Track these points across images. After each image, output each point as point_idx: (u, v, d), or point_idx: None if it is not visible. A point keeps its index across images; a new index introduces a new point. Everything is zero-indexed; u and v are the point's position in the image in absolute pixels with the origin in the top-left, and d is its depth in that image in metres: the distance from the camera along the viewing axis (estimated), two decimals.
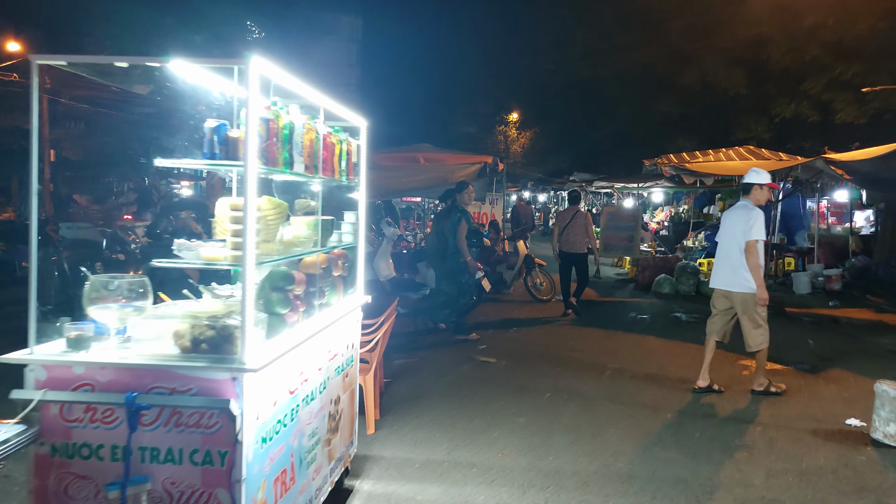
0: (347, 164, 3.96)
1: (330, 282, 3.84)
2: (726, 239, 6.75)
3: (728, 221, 6.82)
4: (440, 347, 8.72)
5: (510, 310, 11.77)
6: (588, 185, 24.29)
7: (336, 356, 3.88)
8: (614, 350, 8.85)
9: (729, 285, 6.74)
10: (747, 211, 6.61)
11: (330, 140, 3.60)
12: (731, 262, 6.66)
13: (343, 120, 4.15)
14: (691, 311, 12.21)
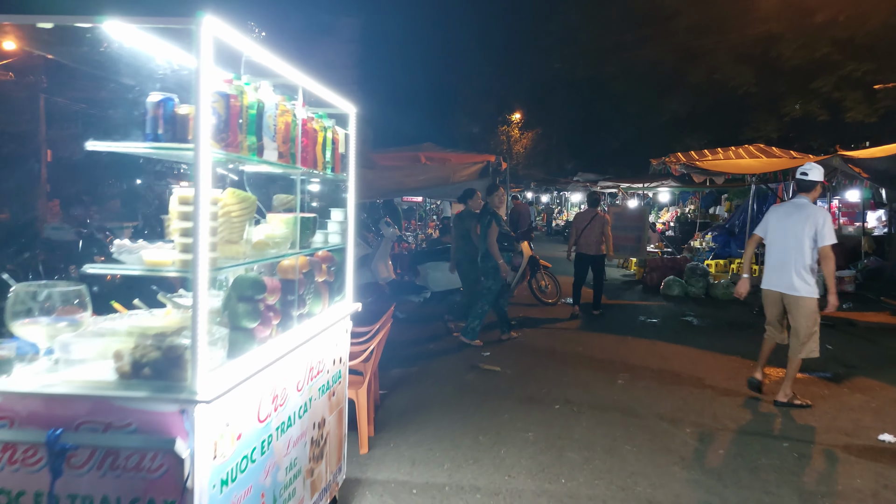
0: (333, 154, 3.50)
1: (312, 288, 3.38)
2: (786, 239, 6.30)
3: (787, 221, 6.35)
4: (441, 355, 8.25)
5: (514, 313, 11.28)
6: (593, 185, 23.84)
7: (320, 373, 3.42)
8: (625, 357, 8.38)
9: (789, 289, 6.32)
10: (814, 211, 6.22)
11: (311, 126, 3.14)
12: (793, 264, 6.24)
13: (329, 105, 3.69)
14: (702, 314, 11.74)
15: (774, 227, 6.45)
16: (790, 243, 6.25)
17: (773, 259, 6.47)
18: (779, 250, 6.38)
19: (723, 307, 12.91)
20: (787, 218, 6.35)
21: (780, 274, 6.36)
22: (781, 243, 6.35)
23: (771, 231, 6.49)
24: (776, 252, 6.42)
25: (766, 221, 6.57)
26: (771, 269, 6.49)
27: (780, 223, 6.41)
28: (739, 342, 9.43)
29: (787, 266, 6.29)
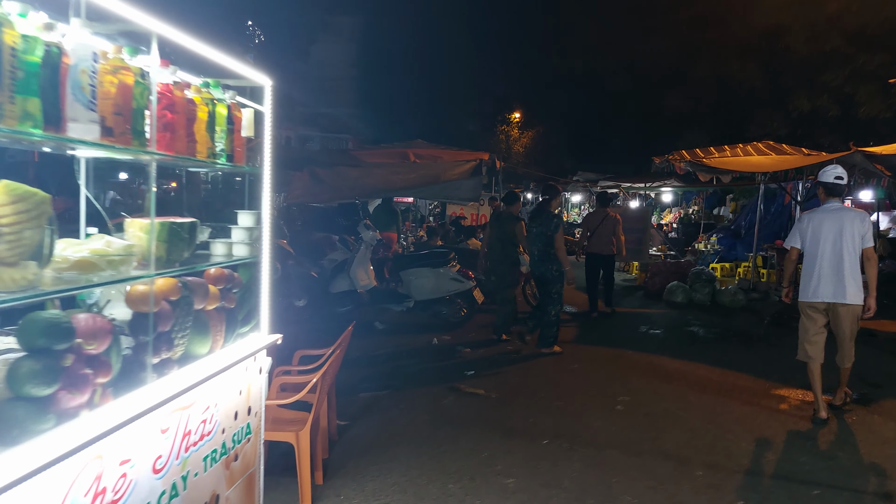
0: (229, 138, 2.63)
1: (191, 322, 2.50)
2: (835, 246, 5.97)
3: (830, 227, 6.01)
4: (419, 374, 7.37)
5: None
6: (592, 185, 22.94)
7: (207, 436, 2.55)
8: (625, 376, 7.50)
9: (843, 297, 5.97)
10: (856, 214, 6.08)
11: (182, 96, 2.28)
12: (847, 272, 5.93)
13: (233, 75, 2.82)
14: (709, 324, 10.87)
15: (816, 235, 6.07)
16: (842, 251, 5.94)
17: (822, 269, 6.04)
18: (829, 259, 6.00)
19: (730, 316, 12.03)
20: (830, 224, 6.02)
21: (833, 283, 6.00)
22: (831, 251, 5.99)
23: (812, 240, 6.11)
24: (826, 261, 6.01)
25: (803, 231, 6.20)
26: (820, 280, 6.05)
27: (822, 231, 6.04)
28: (751, 357, 8.58)
29: (840, 274, 5.95)
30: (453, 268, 9.92)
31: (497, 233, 8.92)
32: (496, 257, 8.98)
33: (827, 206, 6.15)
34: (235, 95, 2.76)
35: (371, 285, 10.14)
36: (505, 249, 8.83)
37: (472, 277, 9.95)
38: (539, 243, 8.34)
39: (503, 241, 8.83)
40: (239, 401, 2.89)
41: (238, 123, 2.77)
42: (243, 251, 2.90)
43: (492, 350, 8.57)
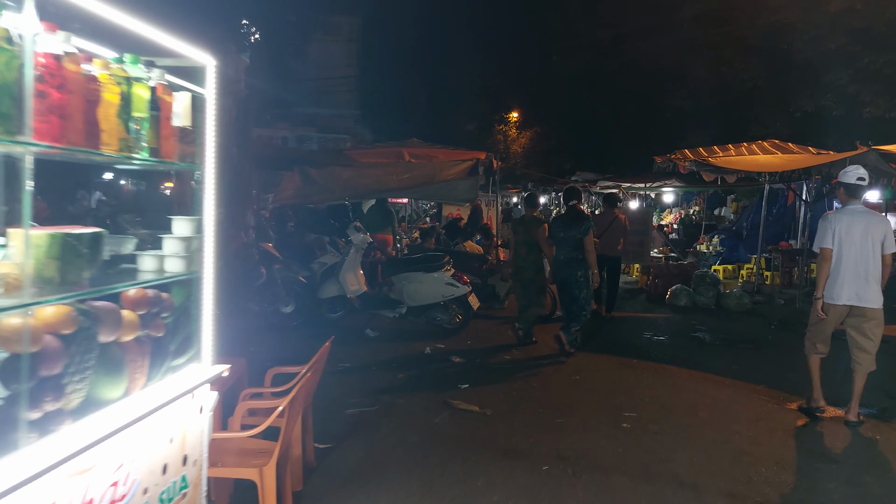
0: (154, 127, 2.17)
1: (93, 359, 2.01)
2: (863, 249, 5.90)
3: (857, 229, 5.92)
4: (410, 388, 6.90)
5: (503, 330, 9.95)
6: (591, 186, 22.51)
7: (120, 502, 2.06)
8: (630, 387, 7.04)
9: (866, 301, 5.92)
10: (880, 218, 6.12)
11: (76, 71, 1.81)
12: (871, 275, 5.90)
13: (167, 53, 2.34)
14: (714, 329, 10.43)
15: (843, 237, 5.93)
16: (866, 253, 5.88)
17: (848, 271, 5.93)
18: (855, 262, 5.90)
19: (736, 319, 11.61)
20: (857, 227, 5.92)
21: (856, 286, 5.92)
22: (858, 254, 5.90)
23: (838, 241, 5.95)
24: (852, 264, 5.91)
25: (833, 231, 5.98)
26: (844, 282, 5.94)
27: (849, 233, 5.92)
28: (762, 366, 8.14)
29: (864, 277, 5.90)
30: (448, 272, 9.47)
31: (523, 237, 8.76)
32: (523, 263, 8.82)
33: (850, 207, 6.01)
34: (164, 75, 2.29)
35: (361, 290, 9.69)
36: (531, 254, 8.72)
37: (467, 282, 9.50)
38: (567, 247, 8.25)
39: (529, 245, 8.71)
40: (170, 450, 2.40)
41: (167, 109, 2.29)
42: (177, 266, 2.42)
43: (488, 359, 8.12)
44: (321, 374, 4.59)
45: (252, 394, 4.41)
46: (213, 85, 2.60)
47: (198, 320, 2.66)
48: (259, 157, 12.26)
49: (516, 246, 8.96)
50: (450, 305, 9.55)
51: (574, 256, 8.20)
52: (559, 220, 8.58)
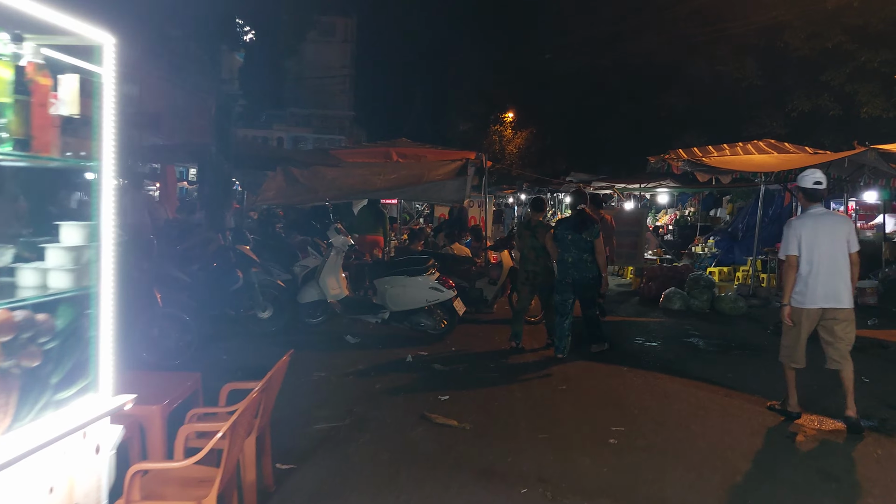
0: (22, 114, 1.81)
1: None
2: (832, 251, 5.91)
3: (824, 232, 5.95)
4: (386, 399, 6.53)
5: (490, 335, 9.62)
6: (585, 186, 22.17)
7: None
8: (619, 398, 6.70)
9: (839, 302, 5.92)
10: (843, 218, 6.33)
11: None
12: (842, 277, 5.91)
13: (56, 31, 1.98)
14: (709, 334, 10.11)
15: (810, 241, 5.94)
16: (836, 254, 5.89)
17: (821, 275, 5.91)
18: (827, 264, 5.90)
19: (730, 324, 11.29)
20: (824, 229, 5.95)
21: (830, 289, 5.91)
22: (829, 256, 5.90)
23: (807, 246, 5.94)
24: (825, 267, 5.90)
25: (798, 237, 5.98)
26: (817, 286, 5.92)
27: (818, 236, 5.93)
28: (757, 374, 7.80)
29: (837, 279, 5.90)
30: (432, 276, 9.12)
31: (531, 242, 8.69)
32: (533, 267, 8.74)
33: (812, 211, 6.06)
34: (39, 50, 1.93)
35: (343, 294, 9.33)
36: (541, 258, 8.66)
37: (452, 286, 9.15)
38: (575, 250, 8.30)
39: (538, 249, 8.65)
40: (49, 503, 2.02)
41: (42, 94, 1.93)
42: (64, 281, 2.05)
43: (472, 367, 7.76)
44: (281, 388, 4.25)
45: (199, 415, 4.04)
46: (111, 67, 2.23)
47: (93, 344, 2.29)
48: (241, 156, 11.92)
49: (525, 251, 8.87)
50: (434, 310, 9.20)
51: (583, 258, 8.27)
52: (566, 222, 8.63)
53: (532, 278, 8.78)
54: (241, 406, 3.36)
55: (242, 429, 3.45)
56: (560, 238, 8.44)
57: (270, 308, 9.11)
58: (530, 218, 9.10)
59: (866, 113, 17.74)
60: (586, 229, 8.29)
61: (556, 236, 8.51)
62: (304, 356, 7.91)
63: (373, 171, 13.08)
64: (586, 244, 8.27)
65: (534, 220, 8.91)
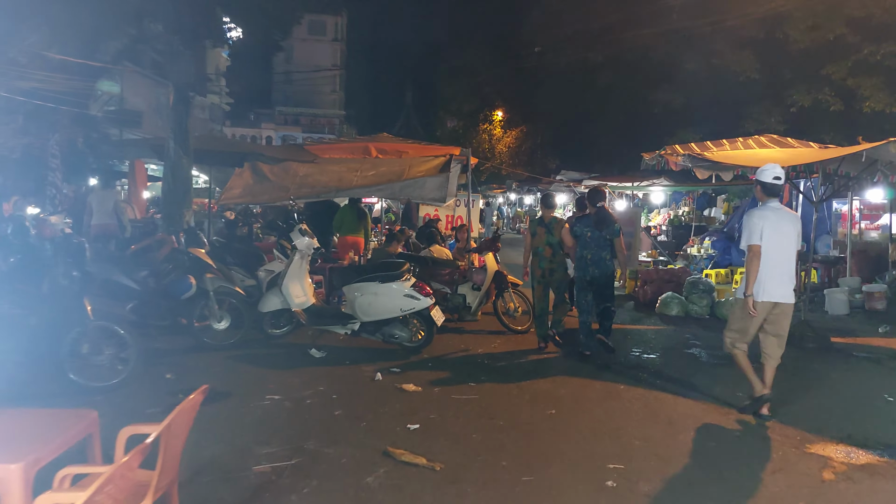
0: None
1: None
2: (787, 247, 6.07)
3: (781, 227, 6.06)
4: (344, 431, 5.56)
5: (473, 347, 8.75)
6: (576, 185, 21.34)
7: None
8: (617, 426, 5.81)
9: (787, 297, 6.08)
10: (796, 216, 6.35)
11: None
12: (791, 272, 6.09)
13: None
14: (711, 343, 9.28)
15: (771, 235, 6.01)
16: (789, 251, 6.09)
17: (775, 269, 6.02)
18: (780, 259, 6.03)
19: None
20: (780, 225, 6.07)
21: (782, 283, 6.05)
22: (781, 251, 6.03)
23: (767, 239, 6.01)
24: (778, 261, 6.02)
25: (761, 229, 6.03)
26: (771, 280, 6.01)
27: (777, 230, 6.04)
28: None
29: (788, 274, 6.08)
30: (407, 282, 8.22)
31: (548, 238, 8.77)
32: (549, 265, 8.80)
33: (771, 205, 6.15)
34: None
35: (308, 303, 8.41)
36: (557, 255, 8.78)
37: (429, 294, 8.25)
38: (595, 247, 8.31)
39: (553, 245, 8.76)
40: None
41: None
42: None
43: (449, 388, 6.85)
44: (226, 416, 3.35)
45: (77, 475, 3.13)
46: None
47: None
48: (203, 151, 11.00)
49: (540, 248, 8.83)
50: (410, 320, 8.31)
51: (602, 257, 8.30)
52: (585, 219, 8.54)
53: (548, 276, 8.78)
54: (109, 471, 2.45)
55: (120, 494, 2.54)
56: (580, 235, 8.45)
57: (227, 318, 8.19)
58: (543, 214, 9.06)
59: (869, 108, 16.96)
60: (607, 227, 8.30)
61: (575, 233, 8.52)
62: (260, 374, 7.01)
63: (349, 167, 12.19)
64: (606, 242, 8.31)
65: (547, 217, 8.95)
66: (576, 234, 8.52)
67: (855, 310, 12.67)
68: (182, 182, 9.91)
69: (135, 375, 6.47)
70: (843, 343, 9.70)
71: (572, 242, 8.56)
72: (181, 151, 9.86)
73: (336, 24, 78.07)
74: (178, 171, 9.84)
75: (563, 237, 8.65)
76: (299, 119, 69.34)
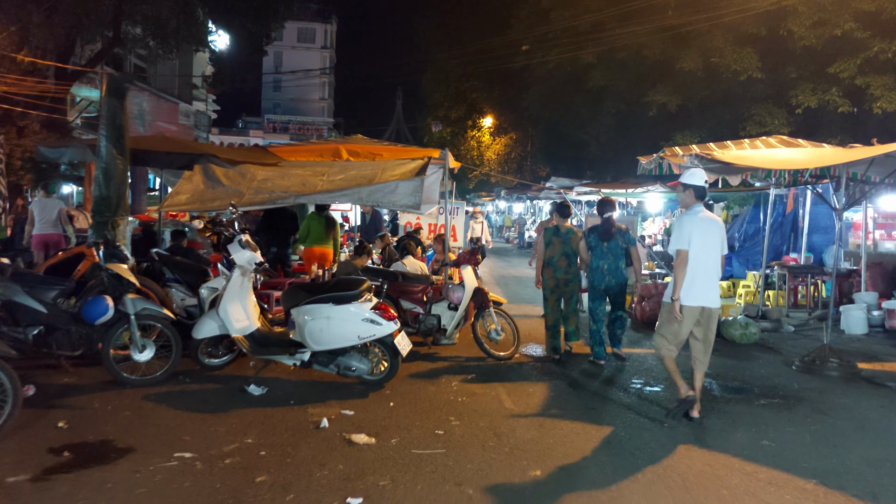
0: None
1: None
2: (713, 251, 6.20)
3: (707, 232, 6.18)
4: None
5: (446, 379, 7.47)
6: (567, 192, 20.12)
7: None
8: (621, 493, 4.52)
9: (713, 301, 6.20)
10: (719, 221, 6.33)
11: None
12: (716, 277, 6.23)
13: None
14: (722, 373, 8.10)
15: (700, 239, 6.14)
16: (714, 255, 6.19)
17: (699, 273, 6.12)
18: (704, 263, 6.14)
19: (745, 356, 9.27)
20: (708, 229, 6.19)
21: (707, 288, 6.16)
22: (709, 256, 6.15)
23: (696, 244, 6.13)
24: (703, 265, 6.13)
25: (689, 234, 6.15)
26: (697, 284, 6.11)
27: (703, 235, 6.15)
28: (801, 438, 5.74)
29: (713, 279, 6.20)
30: (367, 303, 6.93)
31: (564, 248, 8.68)
32: (564, 276, 8.69)
33: (697, 209, 6.24)
34: None
35: (251, 328, 7.11)
36: (572, 266, 8.71)
37: (394, 318, 6.96)
38: (611, 256, 8.38)
39: (569, 255, 8.69)
40: None
41: None
42: None
43: (411, 437, 5.53)
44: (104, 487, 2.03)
45: None
46: None
47: None
48: (144, 152, 9.68)
49: (555, 258, 8.68)
50: (371, 349, 7.02)
51: (618, 266, 8.39)
52: (597, 230, 8.54)
53: (563, 286, 8.69)
54: None
55: None
56: (595, 246, 8.49)
57: (151, 347, 6.86)
58: (558, 224, 8.90)
59: (880, 108, 15.79)
60: (621, 235, 8.40)
61: (589, 244, 8.58)
62: (177, 421, 5.69)
63: (315, 171, 10.90)
64: (622, 251, 8.42)
65: (563, 227, 8.81)
66: (590, 245, 8.57)
67: (874, 329, 11.51)
68: (116, 186, 8.60)
69: (16, 426, 5.16)
70: (871, 370, 8.51)
71: (587, 254, 8.58)
72: (114, 151, 8.54)
73: (326, 31, 77.28)
74: (111, 173, 8.52)
75: (580, 251, 8.64)
76: (288, 127, 68.63)
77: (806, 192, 15.56)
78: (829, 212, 17.35)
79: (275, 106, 77.41)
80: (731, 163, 8.57)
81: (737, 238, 20.12)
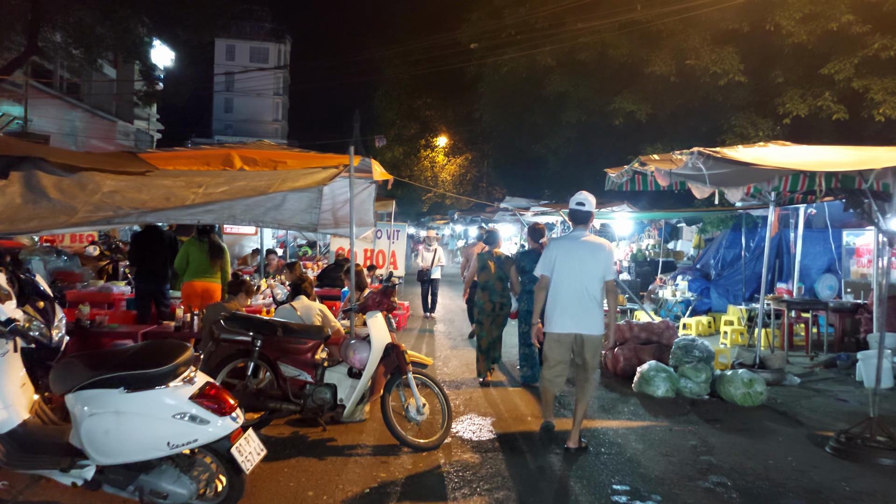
0: None
1: None
2: (582, 276, 5.93)
3: (575, 256, 5.99)
4: None
5: (331, 491, 4.80)
6: (523, 213, 17.67)
7: None
8: None
9: (587, 329, 5.93)
10: (601, 244, 6.13)
11: None
12: (590, 303, 5.93)
13: None
14: (732, 461, 5.65)
15: (561, 264, 6.00)
16: (585, 281, 5.94)
17: (566, 299, 5.96)
18: (574, 290, 5.94)
19: (757, 429, 6.93)
20: (575, 254, 6.02)
21: (577, 315, 5.94)
22: (577, 282, 5.94)
23: (558, 269, 6.00)
24: (571, 292, 5.95)
25: (551, 258, 6.05)
26: (564, 311, 5.97)
27: (567, 260, 5.99)
28: None
29: (584, 305, 5.93)
30: (183, 386, 4.19)
31: (499, 273, 8.78)
32: (500, 299, 8.79)
33: (573, 233, 6.22)
34: None
35: (14, 422, 4.34)
36: (506, 290, 8.85)
37: (231, 409, 4.23)
38: None
39: (503, 280, 8.82)
40: None
41: None
42: None
43: None
44: None
45: None
46: None
47: None
48: None
49: (491, 282, 8.78)
50: (197, 459, 4.29)
51: None
52: (530, 255, 8.68)
53: (498, 310, 8.79)
54: None
55: None
56: (528, 271, 8.38)
57: None
58: (490, 249, 9.05)
59: (881, 115, 13.62)
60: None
61: (522, 269, 8.67)
62: None
63: (192, 181, 8.15)
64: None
65: (494, 253, 8.95)
66: (523, 269, 8.65)
67: None
68: None
69: None
70: None
71: (517, 279, 8.70)
72: None
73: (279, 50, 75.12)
74: None
75: (511, 277, 8.77)
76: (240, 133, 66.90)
77: (798, 212, 13.34)
78: (819, 235, 15.20)
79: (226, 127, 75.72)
80: (751, 164, 6.06)
81: (713, 266, 17.87)
